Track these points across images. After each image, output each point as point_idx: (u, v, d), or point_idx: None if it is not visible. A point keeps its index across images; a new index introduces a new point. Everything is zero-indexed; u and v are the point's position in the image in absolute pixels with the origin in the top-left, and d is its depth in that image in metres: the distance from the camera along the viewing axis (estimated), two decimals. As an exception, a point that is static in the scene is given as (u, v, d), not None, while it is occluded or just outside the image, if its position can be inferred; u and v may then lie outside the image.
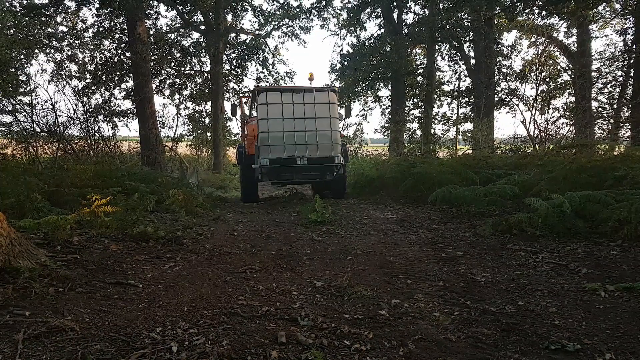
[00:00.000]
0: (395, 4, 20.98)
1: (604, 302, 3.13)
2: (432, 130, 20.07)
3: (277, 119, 8.66)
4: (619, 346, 2.44)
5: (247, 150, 9.99)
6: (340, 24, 24.50)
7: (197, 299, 3.16)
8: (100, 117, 17.09)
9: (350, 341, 2.48)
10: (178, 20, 22.18)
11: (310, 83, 10.33)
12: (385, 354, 2.33)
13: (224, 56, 21.44)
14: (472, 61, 21.58)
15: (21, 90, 13.84)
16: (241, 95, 21.34)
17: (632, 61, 15.05)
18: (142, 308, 2.97)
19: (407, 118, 23.62)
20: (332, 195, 10.10)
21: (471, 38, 20.86)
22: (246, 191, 10.28)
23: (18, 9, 15.13)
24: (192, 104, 25.00)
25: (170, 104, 30.31)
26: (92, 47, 20.00)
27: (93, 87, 19.46)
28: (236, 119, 12.52)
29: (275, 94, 8.85)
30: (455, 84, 24.74)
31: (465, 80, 24.38)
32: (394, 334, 2.59)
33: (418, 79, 23.48)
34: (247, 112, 12.17)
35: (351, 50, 23.01)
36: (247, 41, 23.06)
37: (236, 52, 22.69)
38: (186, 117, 24.91)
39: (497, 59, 22.24)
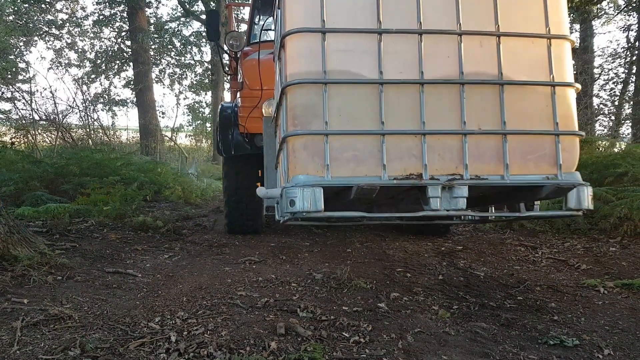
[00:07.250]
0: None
1: (603, 298, 3.14)
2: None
3: (360, 41, 2.00)
4: (617, 342, 2.44)
5: (242, 122, 4.38)
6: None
7: (196, 289, 3.16)
8: (100, 105, 17.10)
9: (349, 333, 2.47)
10: (179, 9, 22.06)
11: None
12: (384, 347, 2.33)
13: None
14: (474, 55, 21.51)
15: (20, 77, 13.80)
16: (231, 2, 12.28)
17: (634, 58, 15.05)
18: (140, 297, 2.97)
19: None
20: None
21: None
22: (234, 214, 4.90)
23: (17, -5, 15.02)
24: (192, 94, 24.95)
25: (170, 93, 30.34)
26: (92, 35, 19.93)
27: (92, 76, 19.44)
28: (218, 46, 5.34)
29: None
30: (456, 78, 24.66)
31: (466, 75, 24.28)
32: (393, 327, 2.58)
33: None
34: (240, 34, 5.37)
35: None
36: (248, 31, 22.94)
37: (237, 42, 22.56)
38: (186, 107, 24.88)
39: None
